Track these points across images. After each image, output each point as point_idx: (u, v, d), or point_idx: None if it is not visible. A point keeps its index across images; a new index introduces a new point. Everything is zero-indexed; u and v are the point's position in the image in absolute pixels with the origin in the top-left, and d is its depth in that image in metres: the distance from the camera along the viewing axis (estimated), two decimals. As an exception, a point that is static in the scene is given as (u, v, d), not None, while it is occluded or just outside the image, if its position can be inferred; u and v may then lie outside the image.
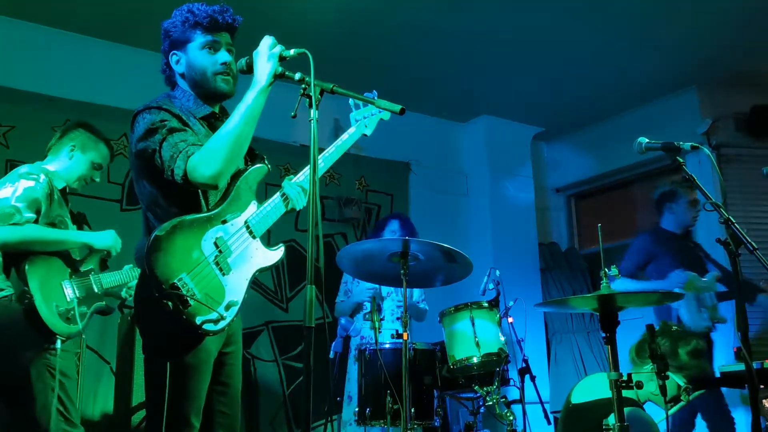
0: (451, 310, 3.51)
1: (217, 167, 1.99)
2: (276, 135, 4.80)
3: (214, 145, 2.02)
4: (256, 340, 4.94)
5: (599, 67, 5.31)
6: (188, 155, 1.99)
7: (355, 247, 3.41)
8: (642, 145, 2.67)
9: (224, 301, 2.03)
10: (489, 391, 3.38)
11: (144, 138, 2.05)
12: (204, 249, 2.03)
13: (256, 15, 4.35)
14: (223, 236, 2.10)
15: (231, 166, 2.06)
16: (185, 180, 1.99)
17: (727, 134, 5.50)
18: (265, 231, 2.24)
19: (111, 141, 3.18)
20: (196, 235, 2.04)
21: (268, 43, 2.11)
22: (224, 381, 2.21)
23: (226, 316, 2.03)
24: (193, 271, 1.98)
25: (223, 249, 2.08)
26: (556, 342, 6.12)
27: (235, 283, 2.09)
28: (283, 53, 2.08)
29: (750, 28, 4.77)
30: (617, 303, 2.29)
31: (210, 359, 2.09)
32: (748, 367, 2.43)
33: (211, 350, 2.09)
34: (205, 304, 1.97)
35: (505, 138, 6.29)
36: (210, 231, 2.07)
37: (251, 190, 2.26)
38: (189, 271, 1.97)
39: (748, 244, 2.43)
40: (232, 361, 2.24)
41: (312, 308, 1.69)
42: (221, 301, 2.03)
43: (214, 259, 2.04)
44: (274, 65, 2.09)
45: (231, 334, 2.22)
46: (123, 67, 4.67)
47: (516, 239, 6.10)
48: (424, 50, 5.01)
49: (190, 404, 2.02)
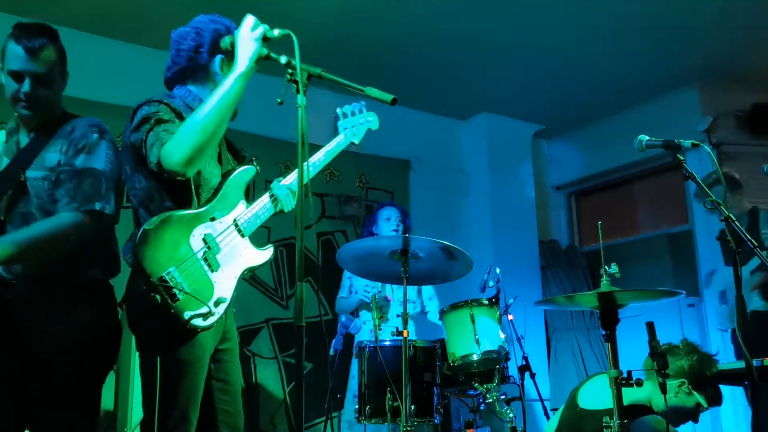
0: (452, 308, 3.52)
1: (185, 154, 1.93)
2: (274, 132, 4.80)
3: (185, 132, 1.96)
4: (257, 337, 4.95)
5: (600, 64, 5.30)
6: (162, 143, 1.97)
7: (355, 244, 3.41)
8: (642, 143, 2.67)
9: (213, 297, 2.02)
10: (489, 389, 3.38)
11: (136, 128, 2.04)
12: (192, 244, 2.02)
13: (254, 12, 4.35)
14: (212, 233, 2.09)
15: (201, 154, 1.99)
16: (159, 167, 1.96)
17: (728, 132, 5.50)
18: (254, 230, 2.23)
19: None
20: (184, 230, 2.03)
21: (251, 24, 2.03)
22: (223, 378, 2.20)
23: (215, 312, 2.02)
24: (181, 266, 1.97)
25: (211, 245, 2.07)
26: (556, 339, 6.12)
27: (224, 280, 2.08)
28: (267, 33, 2.00)
29: (751, 26, 4.76)
30: (617, 300, 2.29)
31: (205, 355, 2.08)
32: (748, 364, 2.44)
33: (206, 346, 2.08)
34: (195, 297, 1.96)
35: (505, 135, 6.29)
36: (198, 227, 2.06)
37: (240, 190, 2.24)
38: (177, 265, 1.96)
39: (749, 242, 2.43)
40: (228, 358, 2.23)
41: (303, 306, 1.66)
42: (210, 297, 2.01)
43: (202, 254, 2.03)
44: (256, 49, 2.01)
45: (226, 331, 2.22)
46: (123, 64, 4.67)
47: (516, 237, 6.10)
48: (425, 48, 5.01)
49: (185, 400, 2.01)
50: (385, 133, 4.86)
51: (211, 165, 2.18)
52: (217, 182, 2.17)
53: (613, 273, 2.26)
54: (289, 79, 1.87)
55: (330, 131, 6.16)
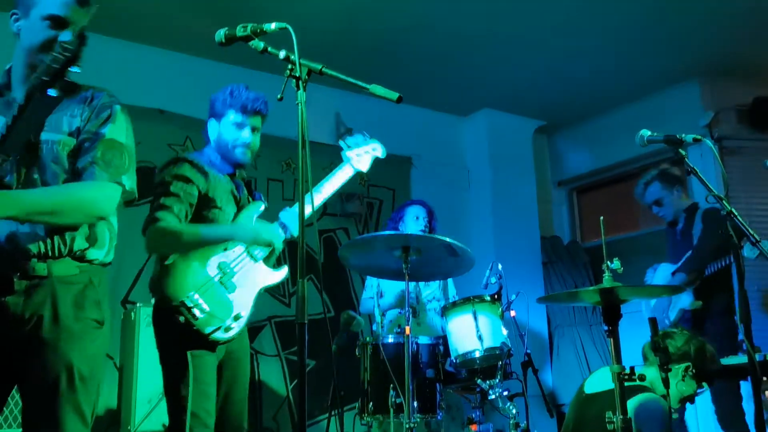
0: (454, 304, 3.52)
1: (158, 250, 2.46)
2: (278, 130, 4.79)
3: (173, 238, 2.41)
4: (259, 334, 4.95)
5: (601, 60, 5.30)
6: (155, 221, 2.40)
7: (357, 241, 3.41)
8: (644, 138, 2.67)
9: (232, 313, 2.41)
10: (491, 385, 3.38)
11: (158, 175, 2.55)
12: (209, 271, 2.43)
13: (257, 9, 4.36)
14: (226, 260, 2.49)
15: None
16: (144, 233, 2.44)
17: (730, 126, 5.49)
18: (266, 254, 2.62)
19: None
20: (200, 260, 2.44)
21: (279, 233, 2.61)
22: (226, 386, 2.50)
23: (235, 326, 2.40)
24: (200, 289, 2.36)
25: (226, 271, 2.46)
26: (559, 335, 6.12)
27: (241, 300, 2.46)
28: (264, 27, 1.94)
29: (752, 20, 4.75)
30: (620, 296, 2.29)
31: (214, 360, 2.40)
32: (751, 359, 2.44)
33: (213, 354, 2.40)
34: (215, 315, 2.35)
35: (506, 132, 6.28)
36: (213, 257, 2.47)
37: (250, 222, 2.62)
38: (197, 289, 2.36)
39: (751, 237, 2.43)
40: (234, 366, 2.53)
41: (305, 304, 1.68)
42: (229, 314, 2.40)
43: (218, 279, 2.43)
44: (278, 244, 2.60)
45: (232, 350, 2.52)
46: (126, 63, 4.65)
47: (518, 233, 6.10)
48: (426, 44, 5.00)
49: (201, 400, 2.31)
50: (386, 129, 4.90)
51: (228, 204, 2.58)
52: (231, 217, 2.57)
53: (616, 269, 2.26)
54: (289, 75, 1.86)
55: (332, 127, 6.17)
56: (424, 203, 4.43)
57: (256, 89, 2.67)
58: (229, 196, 2.60)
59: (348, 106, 5.39)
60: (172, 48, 4.82)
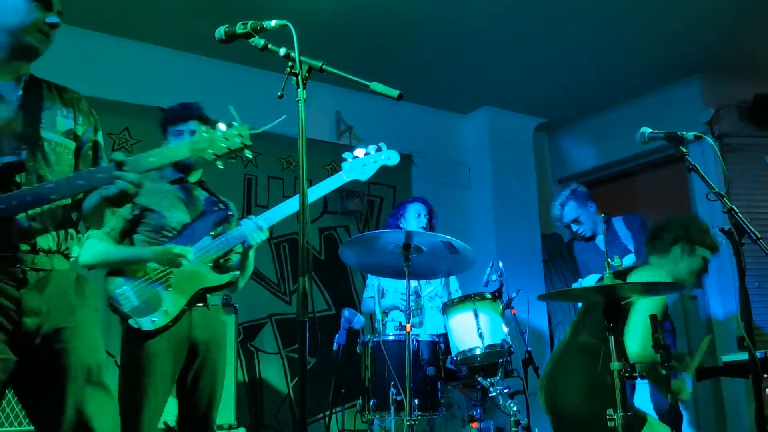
0: (455, 302, 3.52)
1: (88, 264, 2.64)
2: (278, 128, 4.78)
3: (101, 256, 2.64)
4: (260, 332, 4.96)
5: (601, 57, 5.29)
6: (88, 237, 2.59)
7: (357, 239, 3.41)
8: (645, 135, 2.67)
9: (161, 308, 2.57)
10: (492, 383, 3.39)
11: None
12: (148, 270, 2.62)
13: (257, 6, 4.36)
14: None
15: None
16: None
17: (730, 123, 5.48)
18: (213, 258, 2.71)
19: (112, 135, 3.17)
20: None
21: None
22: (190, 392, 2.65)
23: (157, 319, 2.55)
24: (134, 285, 2.60)
25: (165, 270, 2.62)
26: (559, 333, 6.12)
27: (173, 296, 2.60)
28: (265, 24, 1.94)
29: (752, 17, 4.74)
30: (621, 293, 2.29)
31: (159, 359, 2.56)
32: (752, 356, 2.43)
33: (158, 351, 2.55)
34: (142, 308, 2.56)
35: (507, 129, 6.27)
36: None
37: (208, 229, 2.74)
38: (131, 286, 2.60)
39: (752, 234, 2.43)
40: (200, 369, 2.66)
41: (305, 301, 1.70)
42: (158, 308, 2.57)
43: (156, 274, 2.61)
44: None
45: (197, 344, 2.65)
46: (126, 61, 4.66)
47: (518, 230, 6.10)
48: (426, 41, 5.00)
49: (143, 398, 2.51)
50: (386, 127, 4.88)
51: (177, 210, 2.72)
52: (181, 225, 2.69)
53: (617, 266, 2.26)
54: (289, 72, 1.86)
55: (332, 125, 6.16)
56: (424, 200, 4.43)
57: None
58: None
59: (348, 103, 5.39)
60: (173, 46, 4.82)
